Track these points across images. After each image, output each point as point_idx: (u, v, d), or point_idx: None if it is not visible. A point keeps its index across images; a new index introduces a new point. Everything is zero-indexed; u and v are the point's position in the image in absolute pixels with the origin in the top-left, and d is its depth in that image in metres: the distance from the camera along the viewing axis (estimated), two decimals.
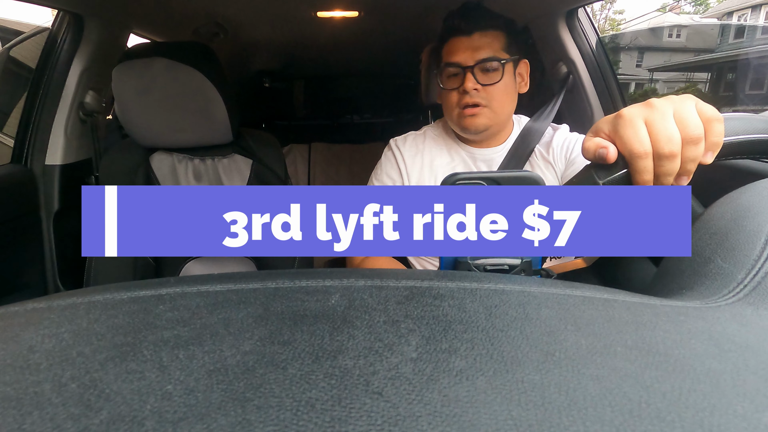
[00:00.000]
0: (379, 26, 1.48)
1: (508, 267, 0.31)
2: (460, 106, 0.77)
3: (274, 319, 0.17)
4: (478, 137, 0.83)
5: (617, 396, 0.13)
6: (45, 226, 1.06)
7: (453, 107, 0.79)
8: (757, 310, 0.19)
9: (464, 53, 0.76)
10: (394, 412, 0.12)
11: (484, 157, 0.85)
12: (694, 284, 0.23)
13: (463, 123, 0.78)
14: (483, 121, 0.78)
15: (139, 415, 0.12)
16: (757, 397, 0.13)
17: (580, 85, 1.15)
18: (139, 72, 0.82)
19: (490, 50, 0.76)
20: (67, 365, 0.14)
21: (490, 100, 0.77)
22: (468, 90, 0.76)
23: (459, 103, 0.77)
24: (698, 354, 0.15)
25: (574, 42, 1.14)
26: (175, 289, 0.21)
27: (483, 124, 0.78)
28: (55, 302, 0.20)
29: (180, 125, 0.86)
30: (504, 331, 0.16)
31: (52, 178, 1.05)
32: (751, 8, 10.90)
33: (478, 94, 0.76)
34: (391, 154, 0.87)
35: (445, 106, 0.81)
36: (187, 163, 0.95)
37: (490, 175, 0.31)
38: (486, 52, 0.76)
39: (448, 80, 0.79)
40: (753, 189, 0.27)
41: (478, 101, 0.76)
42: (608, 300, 0.20)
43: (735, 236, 0.24)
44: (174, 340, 0.16)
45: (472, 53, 0.76)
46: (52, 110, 1.04)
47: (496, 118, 0.79)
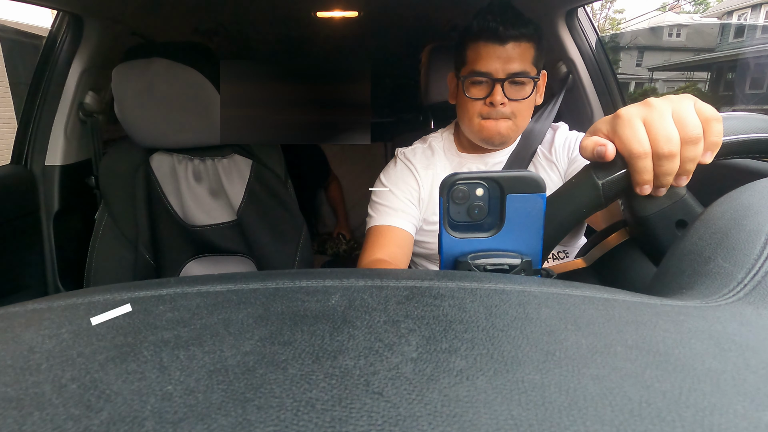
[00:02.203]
0: (379, 26, 1.48)
1: (508, 267, 0.31)
2: (482, 116, 0.75)
3: (275, 320, 0.17)
4: (495, 147, 0.81)
5: (617, 395, 0.13)
6: (45, 227, 1.06)
7: (474, 116, 0.76)
8: (757, 310, 0.19)
9: (495, 63, 0.72)
10: (394, 412, 0.12)
11: (494, 161, 0.85)
12: (694, 284, 0.23)
13: (483, 134, 0.76)
14: (505, 133, 0.76)
15: (139, 415, 0.12)
16: (758, 397, 0.13)
17: (580, 85, 1.16)
18: (138, 72, 0.82)
19: (522, 64, 0.73)
20: (68, 366, 0.14)
21: (515, 114, 0.75)
22: (496, 103, 0.73)
23: (481, 113, 0.75)
24: (698, 353, 0.15)
25: (573, 42, 1.14)
26: (175, 289, 0.21)
27: (505, 136, 0.76)
28: (56, 303, 0.20)
29: (180, 126, 0.86)
30: (504, 331, 0.16)
31: (52, 179, 1.05)
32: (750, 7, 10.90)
33: (506, 107, 0.74)
34: (402, 165, 0.85)
35: (465, 113, 0.78)
36: (187, 163, 0.95)
37: (490, 175, 0.31)
38: (518, 65, 0.72)
39: (472, 88, 0.75)
40: (753, 188, 0.27)
41: (504, 114, 0.74)
42: (608, 299, 0.20)
43: (735, 236, 0.24)
44: (174, 340, 0.16)
45: (504, 65, 0.72)
46: (52, 111, 1.04)
47: (517, 131, 0.78)
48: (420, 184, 0.83)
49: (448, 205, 0.32)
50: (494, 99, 0.73)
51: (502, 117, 0.74)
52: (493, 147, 0.81)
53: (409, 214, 0.81)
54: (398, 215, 0.79)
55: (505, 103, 0.73)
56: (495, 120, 0.74)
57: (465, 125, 0.80)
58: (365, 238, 0.83)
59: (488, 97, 0.74)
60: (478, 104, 0.75)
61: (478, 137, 0.78)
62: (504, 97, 0.73)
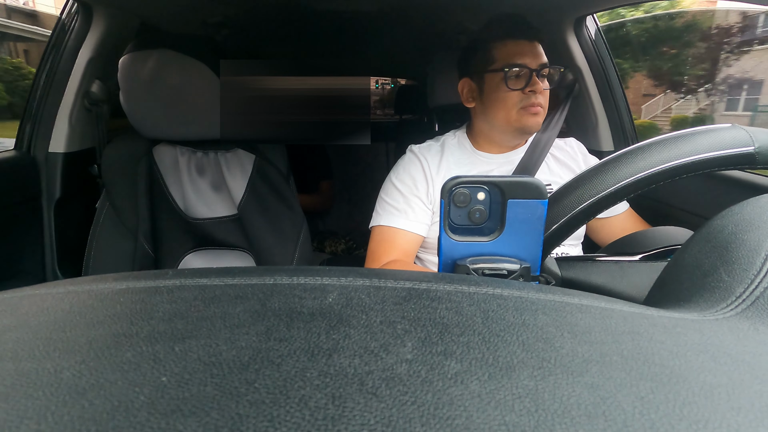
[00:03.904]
0: (388, 26, 1.48)
1: (507, 272, 0.31)
2: (523, 105, 0.80)
3: (271, 316, 0.17)
4: (524, 138, 0.88)
5: (611, 405, 0.13)
6: (46, 214, 1.06)
7: (513, 106, 0.81)
8: (754, 325, 0.19)
9: (529, 56, 0.80)
10: (387, 413, 0.12)
11: (506, 160, 0.88)
12: (692, 296, 0.23)
13: (525, 121, 0.81)
14: (540, 121, 0.82)
15: (132, 405, 0.12)
16: (752, 412, 0.13)
17: (586, 93, 1.15)
18: (145, 63, 0.82)
19: (545, 58, 0.82)
20: (63, 353, 0.15)
21: (545, 104, 0.82)
22: (536, 91, 0.79)
23: (522, 102, 0.80)
24: (694, 366, 0.15)
25: (581, 49, 1.14)
26: (173, 281, 0.21)
27: (540, 124, 0.83)
28: (53, 290, 0.20)
29: (184, 118, 0.86)
30: (500, 336, 0.16)
31: (54, 166, 1.05)
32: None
33: (541, 95, 0.80)
34: (414, 158, 0.88)
35: (503, 105, 0.82)
36: (190, 155, 0.95)
37: (492, 179, 0.31)
38: (544, 58, 0.81)
39: (510, 80, 0.81)
40: (755, 203, 0.27)
41: (541, 102, 0.81)
42: (605, 309, 0.20)
43: (735, 250, 0.24)
44: (170, 332, 0.16)
45: (535, 58, 0.80)
46: (58, 98, 1.04)
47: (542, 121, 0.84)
48: (429, 178, 0.85)
49: (449, 207, 0.32)
50: (536, 87, 0.80)
51: (539, 105, 0.81)
52: (524, 137, 0.88)
53: (416, 214, 0.83)
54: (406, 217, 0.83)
55: (541, 91, 0.80)
56: (534, 108, 0.80)
57: (500, 119, 0.83)
58: (371, 236, 0.86)
59: (527, 87, 0.80)
60: (516, 94, 0.81)
61: (517, 126, 0.82)
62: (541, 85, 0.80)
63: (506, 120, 0.82)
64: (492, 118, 0.84)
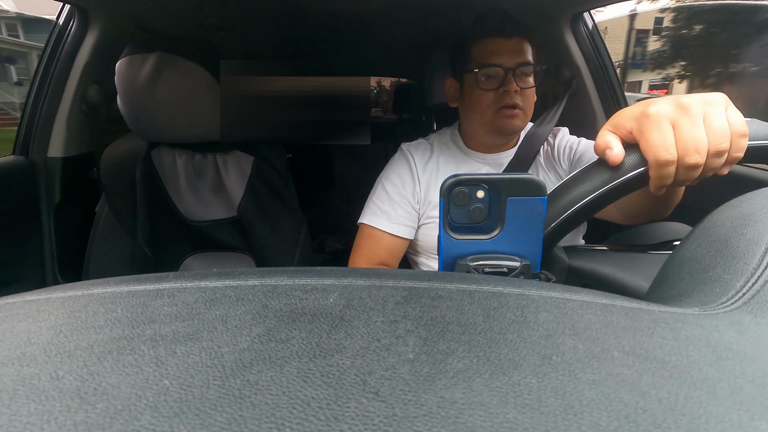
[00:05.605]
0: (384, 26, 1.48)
1: (507, 269, 0.31)
2: (498, 106, 0.78)
3: (272, 317, 0.17)
4: (506, 139, 0.84)
5: (613, 401, 0.13)
6: (45, 219, 1.06)
7: (488, 107, 0.79)
8: (755, 319, 0.19)
9: (504, 55, 0.77)
10: (390, 413, 0.12)
11: (495, 161, 0.86)
12: (692, 291, 0.23)
13: (499, 123, 0.79)
14: (518, 123, 0.79)
15: (135, 409, 0.12)
16: (753, 406, 0.13)
17: (583, 90, 1.15)
18: (142, 66, 0.82)
19: (526, 56, 0.78)
20: (65, 358, 0.14)
21: (525, 104, 0.79)
22: (510, 91, 0.76)
23: (496, 103, 0.78)
24: (695, 361, 0.15)
25: (578, 46, 1.14)
26: (174, 284, 0.21)
27: (518, 126, 0.79)
28: (54, 294, 0.20)
29: (182, 121, 0.86)
30: (502, 334, 0.16)
31: (53, 170, 1.05)
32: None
33: (517, 95, 0.77)
34: (402, 157, 0.88)
35: (476, 107, 0.80)
36: (188, 158, 0.95)
37: (490, 177, 0.31)
38: (523, 56, 0.78)
39: (484, 80, 0.79)
40: (754, 197, 0.27)
41: (517, 103, 0.77)
42: (606, 305, 0.20)
43: (735, 244, 0.24)
44: (172, 335, 0.16)
45: (512, 56, 0.77)
46: (55, 102, 1.04)
47: (526, 121, 0.81)
48: (415, 177, 0.84)
49: (448, 206, 0.32)
50: (509, 87, 0.76)
51: (516, 107, 0.77)
52: (505, 139, 0.84)
53: (399, 216, 0.83)
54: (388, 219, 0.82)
55: (517, 91, 0.77)
56: (511, 110, 0.77)
57: (476, 120, 0.82)
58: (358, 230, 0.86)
59: (501, 87, 0.77)
60: (491, 95, 0.78)
61: (493, 128, 0.80)
62: (516, 85, 0.76)
63: (481, 121, 0.81)
64: (470, 118, 0.83)
